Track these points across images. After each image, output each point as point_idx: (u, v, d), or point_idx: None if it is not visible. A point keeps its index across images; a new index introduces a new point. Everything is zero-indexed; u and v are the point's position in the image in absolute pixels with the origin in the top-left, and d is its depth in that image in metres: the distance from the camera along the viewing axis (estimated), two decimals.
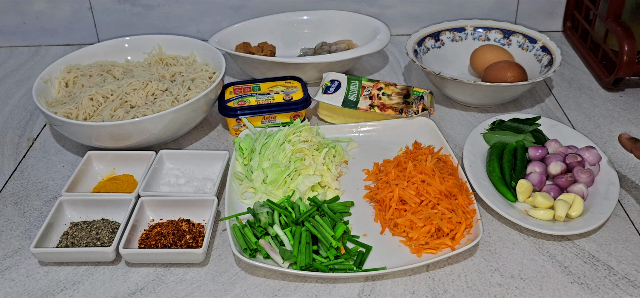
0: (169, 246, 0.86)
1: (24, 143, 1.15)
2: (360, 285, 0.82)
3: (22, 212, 0.98)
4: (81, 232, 0.89)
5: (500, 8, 1.48)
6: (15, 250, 0.90)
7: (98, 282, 0.84)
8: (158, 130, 1.02)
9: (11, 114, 1.25)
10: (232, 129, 1.13)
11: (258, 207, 0.91)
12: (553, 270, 0.84)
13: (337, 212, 0.91)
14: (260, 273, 0.84)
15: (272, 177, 0.96)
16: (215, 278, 0.84)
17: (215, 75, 1.16)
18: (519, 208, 0.93)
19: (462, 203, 0.90)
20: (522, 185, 0.94)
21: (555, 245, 0.88)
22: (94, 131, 1.01)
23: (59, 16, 1.49)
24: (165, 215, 0.93)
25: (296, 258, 0.82)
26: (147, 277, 0.84)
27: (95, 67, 1.20)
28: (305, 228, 0.86)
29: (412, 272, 0.84)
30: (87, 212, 0.93)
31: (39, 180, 1.05)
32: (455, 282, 0.82)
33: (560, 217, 0.89)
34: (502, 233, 0.90)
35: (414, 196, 0.90)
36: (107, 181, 1.01)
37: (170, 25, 1.49)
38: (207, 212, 0.92)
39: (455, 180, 0.94)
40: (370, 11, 1.46)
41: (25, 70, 1.43)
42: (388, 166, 0.99)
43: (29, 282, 0.85)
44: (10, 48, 1.53)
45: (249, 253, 0.84)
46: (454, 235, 0.86)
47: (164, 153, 1.03)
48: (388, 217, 0.90)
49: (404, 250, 0.87)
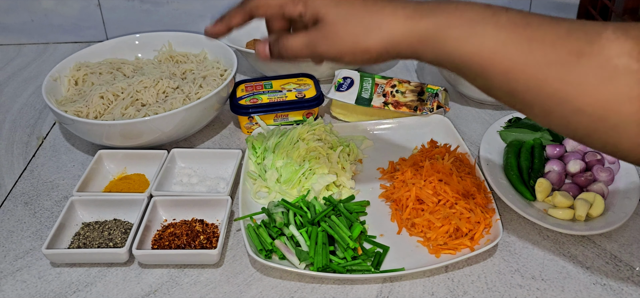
0: (182, 247, 0.85)
1: (33, 142, 1.14)
2: (378, 287, 0.81)
3: (33, 212, 0.96)
4: (93, 233, 0.88)
5: (514, 3, 1.46)
6: (26, 251, 0.89)
7: (111, 283, 0.83)
8: (170, 128, 1.01)
9: (20, 112, 1.24)
10: (244, 127, 1.11)
11: (273, 207, 0.89)
12: (575, 271, 0.82)
13: (353, 211, 0.90)
14: (276, 275, 0.83)
15: (287, 176, 0.94)
16: (230, 280, 0.82)
17: (227, 72, 1.15)
18: (538, 208, 0.91)
19: (480, 203, 0.89)
20: (541, 184, 0.92)
21: (576, 245, 0.86)
22: (105, 130, 0.99)
23: (67, 13, 1.48)
24: (178, 215, 0.91)
25: (313, 259, 0.81)
26: (160, 279, 0.83)
27: (105, 64, 1.19)
28: (322, 229, 0.84)
29: (430, 273, 0.82)
30: (98, 212, 0.92)
31: (49, 180, 1.04)
32: (475, 283, 0.81)
33: (580, 217, 0.88)
34: (521, 233, 0.88)
35: (432, 195, 0.89)
36: (118, 180, 1.00)
37: (179, 22, 1.48)
38: (221, 212, 0.90)
39: (473, 179, 0.93)
40: None
41: (33, 67, 1.42)
42: (404, 165, 0.98)
43: (41, 284, 0.83)
44: (18, 45, 1.52)
45: (264, 254, 0.83)
46: (472, 235, 0.85)
47: (176, 152, 1.02)
48: (405, 217, 0.89)
49: (422, 250, 0.85)
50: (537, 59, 0.54)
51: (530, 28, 0.55)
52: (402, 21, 0.60)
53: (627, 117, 0.51)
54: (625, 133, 0.52)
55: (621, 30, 0.51)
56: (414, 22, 0.60)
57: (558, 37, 0.54)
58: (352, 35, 0.62)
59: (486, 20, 0.57)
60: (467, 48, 0.57)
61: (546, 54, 0.53)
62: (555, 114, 0.55)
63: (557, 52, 0.53)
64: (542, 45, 0.54)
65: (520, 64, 0.55)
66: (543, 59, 0.54)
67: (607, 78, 0.51)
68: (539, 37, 0.54)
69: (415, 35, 0.60)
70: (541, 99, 0.55)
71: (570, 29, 0.54)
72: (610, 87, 0.51)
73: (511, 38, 0.55)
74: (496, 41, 0.56)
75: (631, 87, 0.50)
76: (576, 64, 0.52)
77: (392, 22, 0.60)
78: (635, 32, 0.51)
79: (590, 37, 0.52)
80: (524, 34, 0.55)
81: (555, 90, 0.53)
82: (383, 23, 0.61)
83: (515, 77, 0.55)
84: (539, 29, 0.55)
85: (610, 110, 0.51)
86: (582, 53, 0.52)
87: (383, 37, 0.61)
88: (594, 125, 0.53)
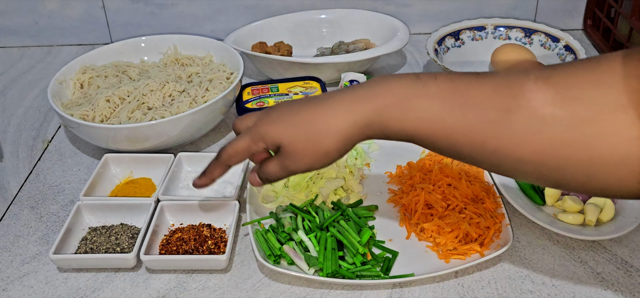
0: (190, 252, 0.84)
1: (38, 145, 1.14)
2: (388, 292, 0.80)
3: (39, 216, 0.96)
4: (100, 238, 0.87)
5: (520, 6, 1.46)
6: (33, 256, 0.88)
7: (119, 289, 0.82)
8: (176, 132, 1.01)
9: (25, 116, 1.23)
10: None
11: (281, 212, 0.89)
12: (585, 276, 0.82)
13: (361, 216, 0.89)
14: (285, 280, 0.82)
15: (294, 181, 0.94)
16: (238, 285, 0.82)
17: (233, 75, 1.15)
18: (547, 212, 0.91)
19: (489, 208, 0.88)
20: (550, 189, 0.92)
21: (586, 251, 0.86)
22: (111, 133, 0.99)
23: (72, 15, 1.48)
24: (185, 219, 0.91)
25: (322, 264, 0.80)
26: (168, 284, 0.83)
27: (111, 67, 1.18)
28: (331, 234, 0.84)
29: (440, 278, 0.82)
30: (105, 217, 0.91)
31: (55, 184, 1.03)
32: (485, 288, 0.80)
33: (591, 222, 0.87)
34: (531, 238, 0.88)
35: (441, 200, 0.88)
36: (124, 184, 0.99)
37: (184, 24, 1.47)
38: (229, 217, 0.90)
39: (481, 183, 0.92)
40: (387, 9, 1.44)
41: (37, 70, 1.42)
42: (413, 169, 0.97)
43: (48, 289, 0.83)
44: (22, 48, 1.52)
45: (273, 259, 0.82)
46: (482, 240, 0.84)
47: (182, 156, 1.01)
48: (414, 222, 0.88)
49: (431, 255, 0.85)
50: (471, 122, 0.57)
51: (459, 93, 0.58)
52: (344, 117, 0.63)
53: (565, 160, 0.53)
54: (569, 174, 0.54)
55: (542, 80, 0.54)
56: (354, 113, 0.63)
57: (485, 98, 0.56)
58: (310, 149, 0.66)
59: (418, 94, 0.60)
60: (408, 124, 0.60)
61: (478, 116, 0.56)
62: (503, 166, 0.58)
63: (487, 112, 0.56)
64: (473, 108, 0.57)
65: (458, 129, 0.58)
66: (477, 121, 0.57)
67: (538, 129, 0.53)
68: (469, 102, 0.57)
69: (360, 124, 0.63)
70: (487, 156, 0.58)
71: (495, 86, 0.56)
72: (543, 136, 0.53)
73: (444, 107, 0.58)
74: (432, 113, 0.59)
75: (563, 133, 0.52)
76: (507, 120, 0.55)
77: (337, 121, 0.64)
78: (554, 79, 0.54)
79: (514, 91, 0.55)
80: (454, 101, 0.58)
81: (495, 147, 0.56)
82: (330, 126, 0.64)
83: (458, 142, 0.59)
84: (467, 92, 0.58)
85: (550, 157, 0.54)
86: (510, 108, 0.54)
87: (335, 139, 0.64)
88: (538, 171, 0.56)
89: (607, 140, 0.51)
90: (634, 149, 0.50)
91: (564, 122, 0.52)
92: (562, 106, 0.52)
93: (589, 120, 0.51)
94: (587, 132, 0.52)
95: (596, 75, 0.52)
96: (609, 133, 0.51)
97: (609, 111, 0.51)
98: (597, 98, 0.51)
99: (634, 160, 0.50)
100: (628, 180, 0.52)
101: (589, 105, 0.51)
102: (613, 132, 0.50)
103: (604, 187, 0.54)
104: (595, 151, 0.52)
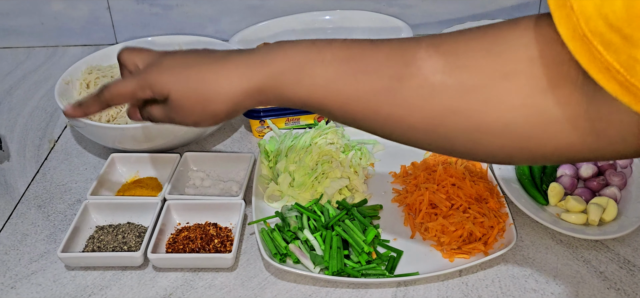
0: (197, 250, 0.85)
1: (45, 145, 1.15)
2: (393, 291, 0.81)
3: (46, 215, 0.97)
4: (107, 236, 0.88)
5: (523, 7, 1.46)
6: (41, 254, 0.89)
7: (126, 287, 0.83)
8: (182, 132, 1.01)
9: (31, 116, 1.24)
10: (256, 130, 1.11)
11: (286, 211, 0.89)
12: (588, 275, 0.82)
13: (366, 215, 0.90)
14: (291, 278, 0.83)
15: (299, 180, 0.95)
16: (245, 284, 0.83)
17: None
18: (550, 212, 0.91)
19: (493, 207, 0.89)
20: (554, 189, 0.92)
21: (589, 250, 0.86)
22: (117, 133, 1.00)
23: (77, 16, 1.48)
24: (191, 218, 0.91)
25: (328, 263, 0.81)
26: (175, 282, 0.83)
27: (117, 68, 1.19)
28: (336, 233, 0.85)
29: (444, 277, 0.83)
30: (112, 216, 0.92)
31: (62, 183, 1.04)
32: (489, 287, 0.81)
33: (594, 221, 0.88)
34: (534, 238, 0.89)
35: (445, 200, 0.89)
36: (131, 184, 1.00)
37: (188, 25, 1.48)
38: (234, 216, 0.91)
39: (485, 183, 0.93)
40: (390, 11, 1.44)
41: (43, 71, 1.42)
42: (417, 169, 0.98)
43: (56, 287, 0.84)
44: (28, 48, 1.52)
45: (279, 258, 0.83)
46: (486, 239, 0.85)
47: (188, 156, 1.02)
48: (418, 221, 0.89)
49: (436, 254, 0.85)
50: (365, 89, 0.57)
51: (354, 60, 0.58)
52: (237, 81, 0.63)
53: (454, 127, 0.54)
54: (458, 141, 0.55)
55: (433, 48, 0.54)
56: (247, 78, 0.62)
57: (379, 65, 0.56)
58: (198, 107, 0.66)
59: (312, 60, 0.59)
60: (302, 90, 0.60)
61: (372, 83, 0.56)
62: (396, 133, 0.58)
63: (380, 79, 0.56)
64: (366, 75, 0.57)
65: (352, 96, 0.58)
66: (370, 88, 0.56)
67: (428, 96, 0.53)
68: (362, 68, 0.57)
69: (253, 89, 0.62)
70: (379, 123, 0.58)
71: (388, 54, 0.56)
72: (433, 103, 0.53)
73: (338, 74, 0.58)
74: (326, 79, 0.58)
75: (451, 100, 0.52)
76: (399, 87, 0.55)
77: (228, 85, 0.63)
78: (445, 47, 0.54)
79: (407, 59, 0.55)
80: (348, 68, 0.58)
81: (388, 114, 0.56)
82: (221, 89, 0.64)
83: (351, 109, 0.58)
84: (361, 59, 0.58)
85: (439, 124, 0.54)
86: (402, 76, 0.54)
87: (224, 102, 0.64)
88: (429, 138, 0.56)
89: (493, 108, 0.51)
90: (518, 117, 0.50)
91: (453, 90, 0.52)
92: (451, 74, 0.52)
93: (476, 88, 0.51)
94: (474, 100, 0.52)
95: (486, 44, 0.52)
96: (494, 101, 0.51)
97: (496, 79, 0.50)
98: (485, 66, 0.51)
99: (516, 127, 0.51)
100: (511, 147, 0.53)
101: (477, 73, 0.51)
102: (498, 99, 0.50)
103: (489, 153, 0.55)
104: (482, 118, 0.52)
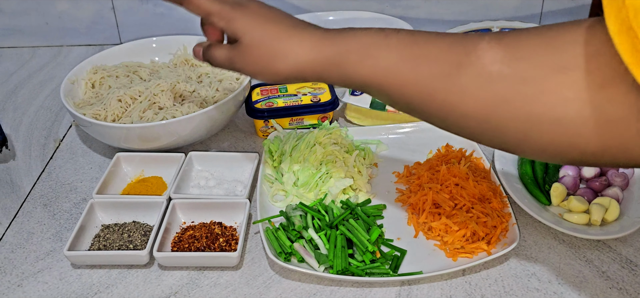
0: (202, 249, 0.86)
1: (50, 144, 1.15)
2: (397, 290, 0.81)
3: (52, 214, 0.97)
4: (113, 235, 0.89)
5: (525, 8, 1.47)
6: (47, 253, 0.90)
7: (132, 285, 0.84)
8: (187, 132, 1.02)
9: (36, 115, 1.25)
10: (260, 130, 1.12)
11: (291, 210, 0.90)
12: (591, 275, 0.83)
13: (370, 215, 0.90)
14: (295, 277, 0.84)
15: (304, 180, 0.95)
16: (249, 282, 0.83)
17: (242, 76, 1.16)
18: (553, 212, 0.92)
19: (496, 207, 0.90)
20: (556, 189, 0.93)
21: (591, 250, 0.87)
22: (123, 133, 1.00)
23: (81, 16, 1.49)
24: (196, 217, 0.92)
25: (332, 262, 0.82)
26: (180, 281, 0.84)
27: (122, 68, 1.20)
28: (340, 232, 0.85)
29: (448, 276, 0.83)
30: (118, 215, 0.93)
31: (68, 182, 1.05)
32: (492, 286, 0.82)
33: (596, 221, 0.88)
34: (537, 238, 0.89)
35: (448, 200, 0.90)
36: (136, 183, 1.01)
37: (192, 26, 1.48)
38: (239, 215, 0.91)
39: (488, 183, 0.94)
40: (394, 11, 1.45)
41: (48, 70, 1.43)
42: (420, 169, 0.98)
43: (62, 285, 0.84)
44: (33, 48, 1.53)
45: (283, 257, 0.84)
46: (489, 239, 0.86)
47: (193, 155, 1.03)
48: (422, 221, 0.90)
49: (439, 254, 0.86)
50: (424, 74, 0.59)
51: (417, 46, 0.61)
52: (307, 50, 0.67)
53: (505, 116, 0.55)
54: (508, 131, 0.56)
55: (495, 40, 0.56)
56: (317, 50, 0.67)
57: (441, 52, 0.59)
58: (264, 59, 0.70)
59: (378, 43, 0.63)
60: (364, 70, 0.63)
61: (431, 68, 0.59)
62: (449, 120, 0.60)
63: (440, 65, 0.58)
64: (427, 60, 0.59)
65: (411, 79, 0.60)
66: (428, 72, 0.59)
67: (484, 84, 0.55)
68: (424, 54, 0.60)
69: (318, 62, 0.67)
70: (434, 108, 0.60)
71: (451, 43, 0.59)
72: (488, 92, 0.55)
73: (401, 57, 0.61)
74: (388, 62, 0.62)
75: (505, 89, 0.54)
76: (457, 74, 0.57)
77: (299, 50, 0.67)
78: (507, 40, 0.55)
79: (468, 48, 0.57)
80: (411, 52, 0.61)
81: (443, 99, 0.58)
82: (291, 51, 0.68)
83: (408, 92, 0.61)
84: (425, 46, 0.60)
85: (491, 113, 0.56)
86: (461, 64, 0.56)
87: (289, 64, 0.68)
88: (481, 128, 0.58)
89: (545, 100, 0.52)
90: (570, 110, 0.51)
91: (508, 80, 0.54)
92: (509, 64, 0.54)
93: (530, 79, 0.52)
94: (528, 90, 0.53)
95: (546, 39, 0.53)
96: (547, 92, 0.52)
97: (551, 71, 0.51)
98: (542, 58, 0.52)
99: (568, 121, 0.51)
100: (561, 143, 0.53)
101: (534, 64, 0.52)
102: (552, 91, 0.51)
103: (539, 148, 0.56)
104: (533, 108, 0.53)
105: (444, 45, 0.59)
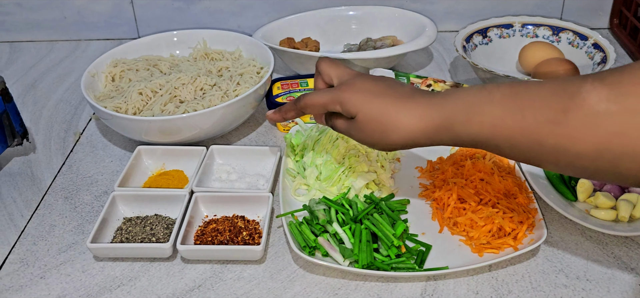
0: (225, 243, 0.85)
1: (70, 137, 1.15)
2: (423, 285, 0.81)
3: (74, 206, 0.97)
4: (135, 228, 0.88)
5: (546, 4, 1.46)
6: (69, 245, 0.89)
7: (155, 278, 0.83)
8: (208, 125, 1.01)
9: (56, 108, 1.25)
10: (281, 124, 1.11)
11: (314, 204, 0.89)
12: (619, 272, 0.82)
13: (394, 209, 0.90)
14: (320, 272, 0.83)
15: (327, 174, 0.94)
16: (273, 276, 0.83)
17: (263, 70, 1.15)
18: (579, 208, 0.91)
19: (522, 203, 0.89)
20: (582, 185, 0.92)
21: (619, 246, 0.86)
22: (144, 126, 1.00)
23: (100, 10, 1.49)
24: (219, 211, 0.91)
25: (357, 256, 0.81)
26: (204, 274, 0.83)
27: (142, 61, 1.19)
28: (365, 226, 0.84)
29: (474, 272, 0.82)
30: (140, 208, 0.92)
31: (88, 175, 1.04)
32: (519, 282, 0.81)
33: (624, 218, 0.87)
34: (563, 234, 0.88)
35: (473, 195, 0.89)
36: (157, 176, 1.00)
37: (211, 19, 1.48)
38: (262, 209, 0.91)
39: (513, 178, 0.92)
40: (413, 7, 1.44)
41: (66, 64, 1.43)
42: (444, 164, 0.97)
43: (85, 278, 0.84)
44: (51, 42, 1.53)
45: (308, 251, 0.83)
46: (516, 234, 0.85)
47: (214, 149, 1.02)
48: (447, 216, 0.89)
49: (465, 249, 0.85)
50: (530, 123, 0.62)
51: (519, 97, 0.64)
52: (417, 120, 0.71)
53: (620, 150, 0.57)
54: (625, 164, 0.57)
55: (598, 80, 0.58)
56: (427, 119, 0.70)
57: (544, 100, 0.61)
58: (377, 133, 0.74)
59: (482, 100, 0.66)
60: (473, 128, 0.67)
61: (536, 116, 0.61)
62: (561, 163, 0.62)
63: (545, 112, 0.61)
64: (531, 110, 0.62)
65: (518, 130, 0.63)
66: (535, 121, 0.62)
67: (593, 124, 0.57)
68: (528, 104, 0.62)
69: (430, 129, 0.70)
70: (545, 154, 0.62)
71: (553, 90, 0.61)
72: (598, 130, 0.57)
73: (505, 110, 0.64)
74: (493, 116, 0.65)
75: (617, 125, 0.56)
76: (564, 119, 0.59)
77: (408, 122, 0.71)
78: (609, 79, 0.57)
79: (571, 92, 0.59)
80: (515, 105, 0.63)
81: (553, 144, 0.61)
82: (400, 123, 0.71)
83: (517, 142, 0.64)
84: (527, 95, 0.63)
85: (605, 149, 0.57)
86: (567, 108, 0.59)
87: (402, 135, 0.72)
88: (595, 165, 0.59)
89: None
90: None
91: (617, 115, 0.56)
92: (615, 101, 0.56)
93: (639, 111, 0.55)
94: (638, 121, 0.55)
95: None
96: None
97: None
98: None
99: None
100: None
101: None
102: None
103: None
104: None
105: (545, 92, 0.62)
